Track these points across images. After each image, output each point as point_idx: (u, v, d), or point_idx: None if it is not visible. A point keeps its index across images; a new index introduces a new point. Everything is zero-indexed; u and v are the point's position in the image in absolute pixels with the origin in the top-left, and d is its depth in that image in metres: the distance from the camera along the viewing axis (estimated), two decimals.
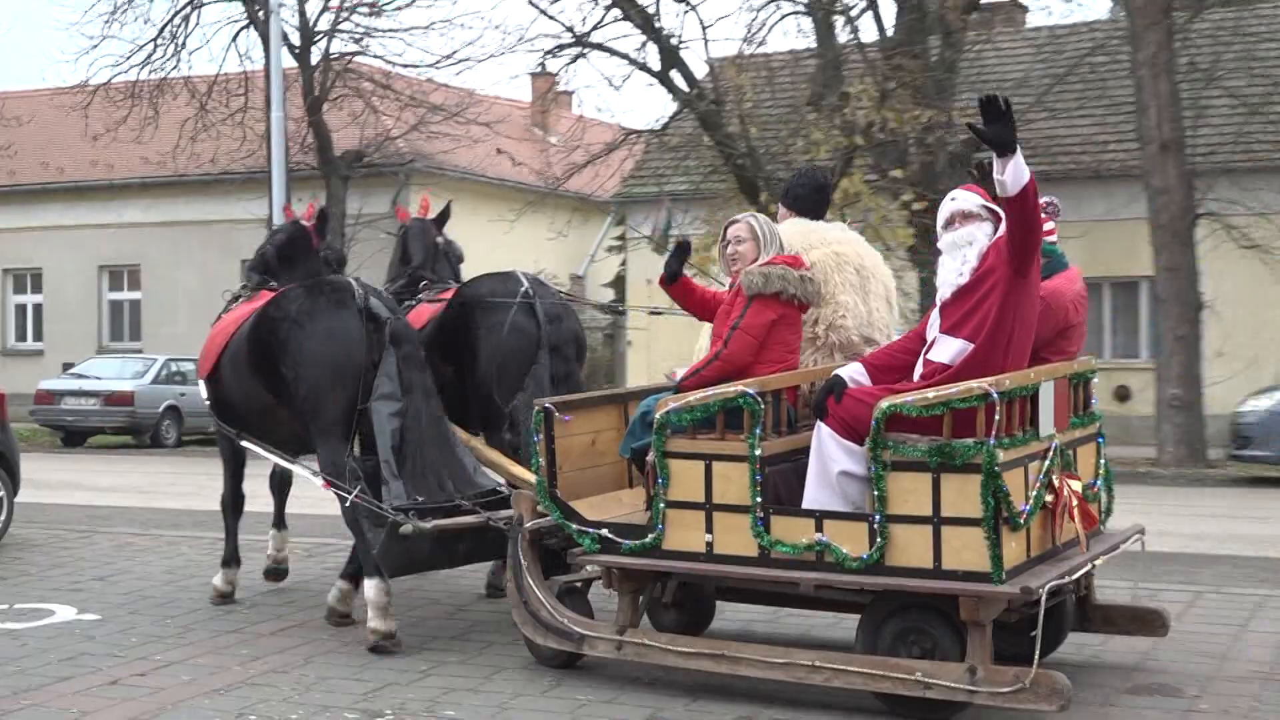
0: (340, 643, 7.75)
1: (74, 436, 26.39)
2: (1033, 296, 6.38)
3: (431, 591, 9.21)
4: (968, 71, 23.22)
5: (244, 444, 8.83)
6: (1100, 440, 7.07)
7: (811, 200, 7.67)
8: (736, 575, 6.58)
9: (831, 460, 6.33)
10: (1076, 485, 6.47)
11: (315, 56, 27.81)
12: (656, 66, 22.94)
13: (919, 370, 6.40)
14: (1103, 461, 7.05)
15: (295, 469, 8.63)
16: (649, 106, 73.16)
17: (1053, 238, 7.14)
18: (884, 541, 6.06)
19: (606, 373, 29.24)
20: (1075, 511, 6.38)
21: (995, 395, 5.92)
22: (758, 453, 6.36)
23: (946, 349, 6.36)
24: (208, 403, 9.08)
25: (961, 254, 6.44)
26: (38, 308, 34.00)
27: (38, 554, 11.17)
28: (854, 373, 6.53)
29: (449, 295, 8.97)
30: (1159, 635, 7.24)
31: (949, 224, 6.53)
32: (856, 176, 21.11)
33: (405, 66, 28.14)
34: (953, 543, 5.96)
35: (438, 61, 27.96)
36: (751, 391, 6.45)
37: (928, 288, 22.07)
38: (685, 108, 23.47)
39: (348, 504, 7.76)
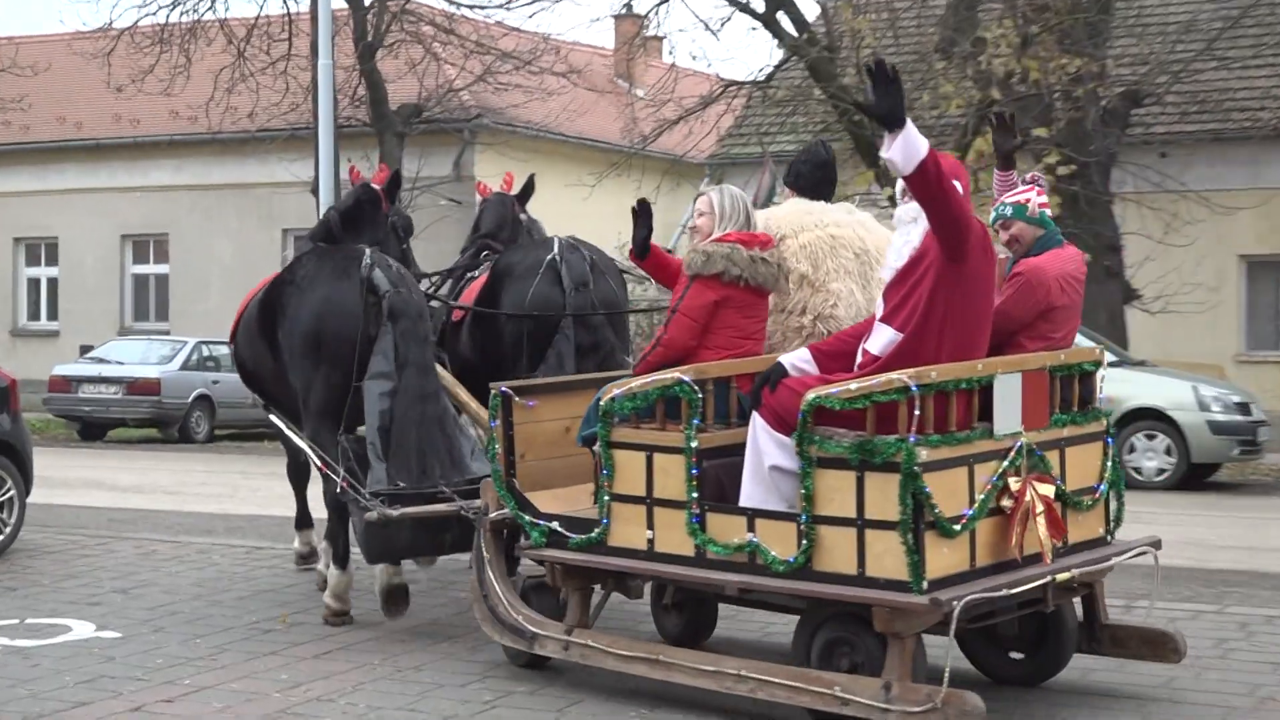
0: (394, 668, 7.82)
1: (92, 429, 26.77)
2: (976, 283, 6.59)
3: None
4: (1124, 12, 22.97)
5: (271, 416, 9.87)
6: (1109, 441, 7.25)
7: (813, 179, 8.10)
8: (672, 576, 7.02)
9: (764, 454, 6.70)
10: (1046, 490, 6.68)
11: None
12: (761, 7, 22.87)
13: (858, 359, 6.72)
14: (1110, 464, 7.23)
15: (301, 444, 9.26)
16: (751, 54, 73.11)
17: (1049, 212, 7.47)
18: (810, 544, 6.42)
19: None
20: (1040, 520, 6.60)
21: (915, 389, 6.22)
22: (694, 444, 6.79)
23: (879, 338, 6.66)
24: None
25: (906, 232, 6.69)
26: (52, 282, 34.51)
27: (51, 562, 11.35)
28: (799, 360, 6.86)
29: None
30: (1171, 661, 7.39)
31: (902, 195, 6.72)
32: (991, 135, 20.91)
33: (471, 7, 28.26)
34: (875, 548, 6.27)
35: (508, 1, 28.02)
36: (688, 379, 6.88)
37: None
38: (793, 55, 23.38)
39: (337, 487, 8.56)
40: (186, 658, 8.06)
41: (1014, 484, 6.56)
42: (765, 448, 6.70)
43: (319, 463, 8.80)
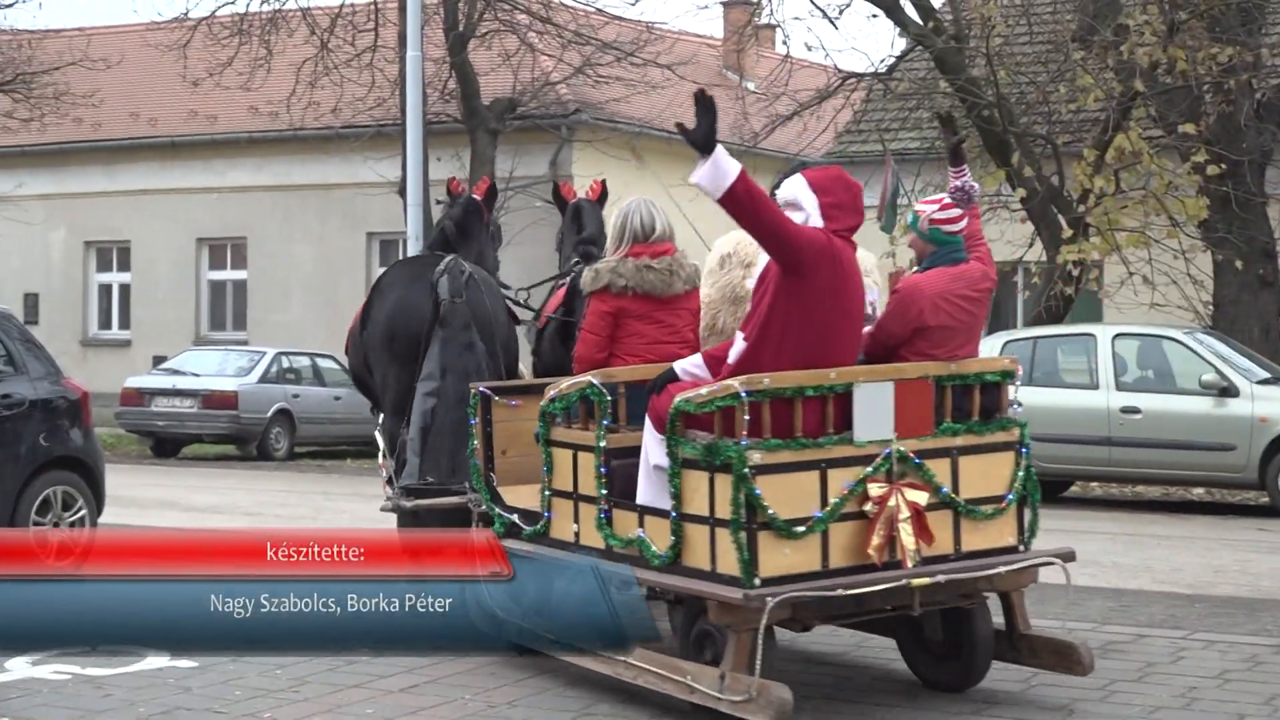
0: (485, 704, 7.89)
1: (166, 445, 27.12)
2: (820, 295, 7.33)
3: None
4: None
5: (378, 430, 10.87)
6: (1023, 451, 7.88)
7: None
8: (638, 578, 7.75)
9: (650, 454, 7.66)
10: (917, 497, 7.33)
11: None
12: None
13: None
14: (1021, 474, 7.86)
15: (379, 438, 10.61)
16: (871, 44, 72.84)
17: (953, 227, 8.11)
18: (678, 540, 7.40)
19: None
20: (906, 525, 7.27)
21: (745, 395, 7.09)
22: (603, 444, 7.85)
23: (735, 347, 7.56)
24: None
25: None
26: (125, 289, 35.03)
27: None
28: (692, 365, 7.82)
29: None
30: (1077, 673, 7.96)
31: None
32: (1134, 132, 20.76)
33: None
34: (721, 545, 7.18)
35: None
36: (596, 382, 7.99)
37: (1223, 274, 21.61)
38: (917, 45, 23.31)
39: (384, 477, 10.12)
40: (266, 689, 8.17)
41: (876, 490, 7.27)
42: (650, 448, 7.67)
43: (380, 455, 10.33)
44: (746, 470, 7.02)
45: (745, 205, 7.15)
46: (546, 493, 8.23)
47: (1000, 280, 25.79)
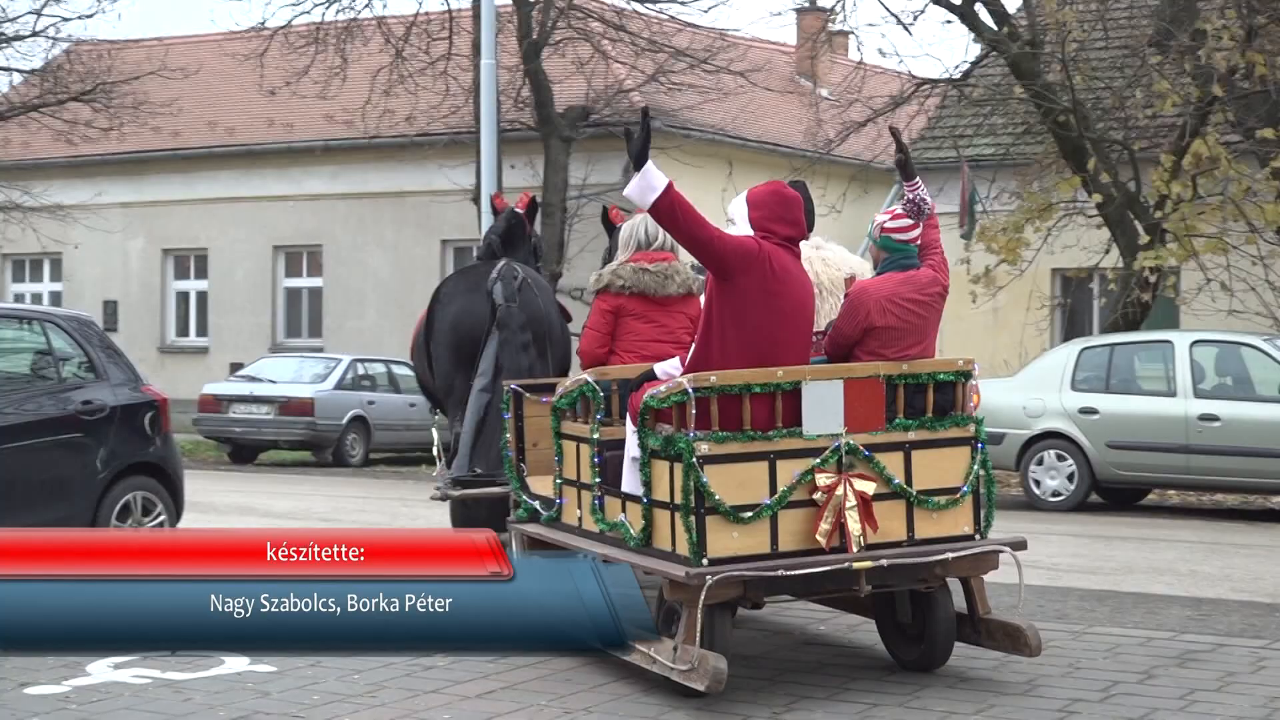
0: (561, 709, 7.90)
1: (243, 451, 27.32)
2: (753, 297, 8.00)
3: None
4: None
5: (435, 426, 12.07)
6: (979, 446, 8.41)
7: None
8: (583, 548, 8.59)
9: (629, 446, 8.39)
10: (865, 487, 7.94)
11: None
12: None
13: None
14: (976, 468, 8.39)
15: (435, 435, 11.62)
16: (946, 49, 72.62)
17: (904, 236, 8.65)
18: (648, 524, 8.11)
19: None
20: (853, 513, 7.88)
21: (691, 392, 7.78)
22: (596, 436, 8.60)
23: (691, 349, 8.34)
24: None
25: None
26: (202, 296, 35.32)
27: None
28: (670, 366, 8.52)
29: None
30: (1025, 654, 8.39)
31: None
32: (1212, 137, 20.60)
33: (642, 2, 28.42)
34: (680, 528, 7.84)
35: None
36: (590, 380, 8.79)
37: None
38: (992, 51, 23.21)
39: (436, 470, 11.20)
40: (344, 694, 8.21)
41: (824, 480, 7.89)
42: (629, 441, 8.39)
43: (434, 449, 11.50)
44: (695, 460, 7.72)
45: (671, 216, 7.94)
46: (558, 481, 9.09)
47: (1077, 286, 25.75)
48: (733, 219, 8.33)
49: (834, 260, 9.62)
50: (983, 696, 8.08)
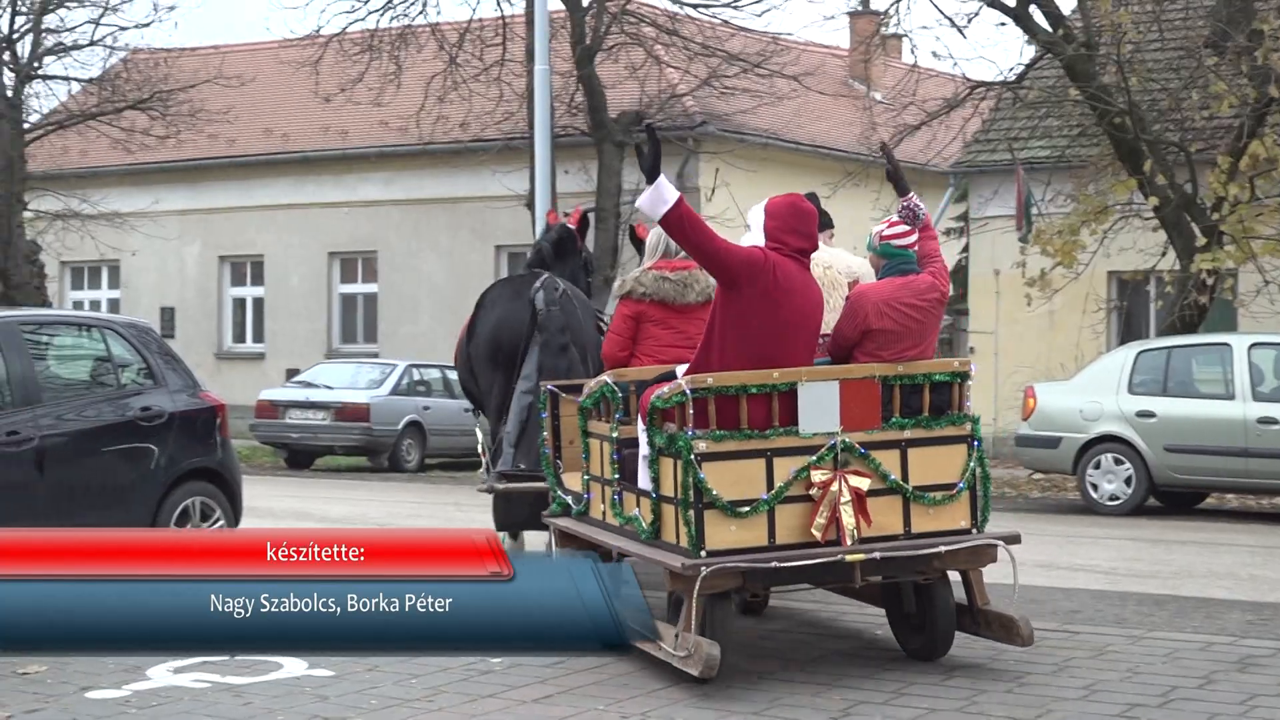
0: (619, 714, 7.90)
1: (299, 456, 27.44)
2: (756, 304, 8.39)
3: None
4: None
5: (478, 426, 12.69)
6: (975, 444, 8.76)
7: None
8: (601, 542, 9.09)
9: (641, 444, 8.73)
10: (860, 483, 8.32)
11: None
12: (1011, 1, 22.65)
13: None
14: (972, 465, 8.72)
15: (478, 434, 12.22)
16: (1000, 52, 72.33)
17: (902, 241, 9.05)
18: (656, 517, 8.52)
19: None
20: (847, 508, 8.27)
21: (689, 393, 8.22)
22: (615, 434, 8.97)
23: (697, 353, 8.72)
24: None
25: None
26: (258, 302, 35.50)
27: None
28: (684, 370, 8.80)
29: None
30: (1017, 644, 8.76)
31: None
32: (1270, 138, 20.46)
33: (695, 7, 28.44)
34: (680, 521, 8.24)
35: (735, 0, 28.15)
36: (610, 381, 9.16)
37: None
38: (1047, 53, 23.11)
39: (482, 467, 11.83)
40: (402, 698, 8.23)
41: (819, 476, 8.27)
42: (641, 439, 8.73)
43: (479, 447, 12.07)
44: (693, 457, 8.15)
45: (679, 227, 8.37)
46: (585, 477, 9.55)
47: (1133, 289, 25.59)
48: (749, 225, 8.78)
49: (836, 264, 9.94)
50: (1041, 702, 8.04)
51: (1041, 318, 24.71)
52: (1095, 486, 19.12)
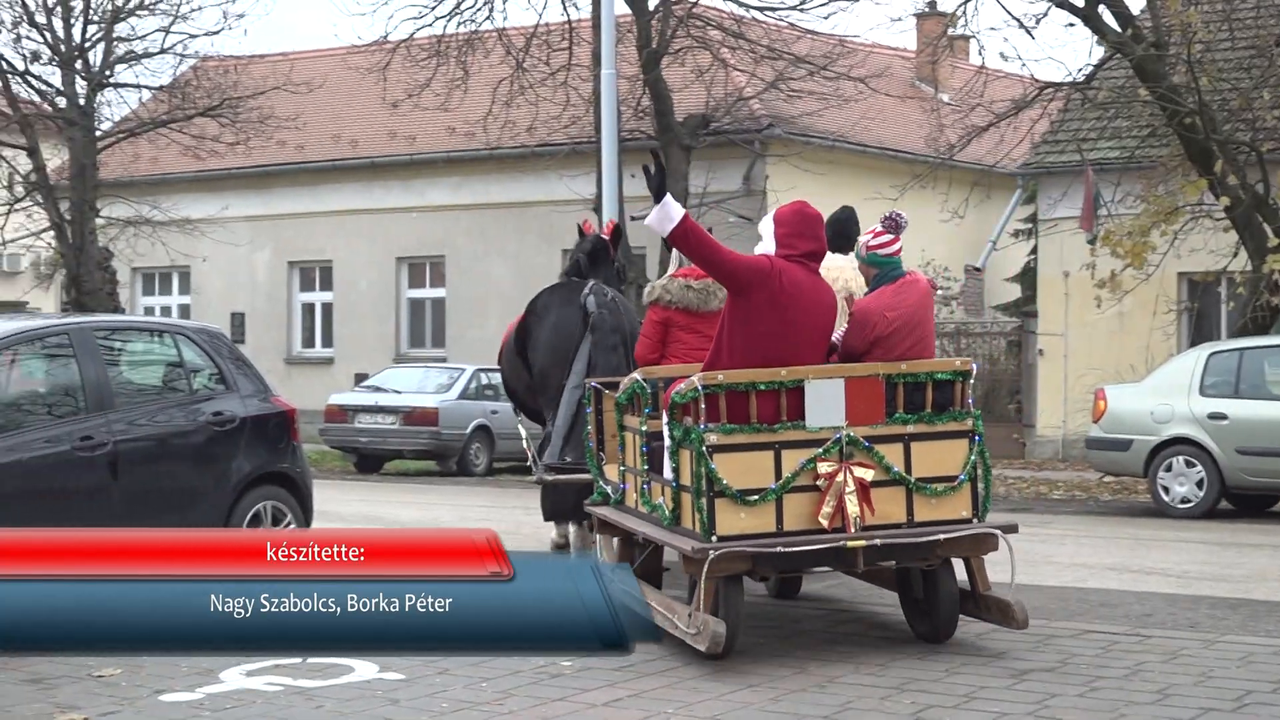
0: (689, 717, 7.91)
1: (368, 460, 27.56)
2: (763, 309, 9.03)
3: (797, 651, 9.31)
4: None
5: (519, 419, 13.91)
6: (976, 439, 9.30)
7: (830, 233, 10.26)
8: (633, 529, 9.84)
9: (665, 437, 9.32)
10: (864, 474, 8.92)
11: (653, 0, 28.25)
12: (1080, 1, 22.53)
13: None
14: (973, 458, 9.26)
15: (522, 431, 13.61)
16: (1069, 53, 71.92)
17: (888, 250, 9.69)
18: (676, 505, 9.17)
19: (1012, 386, 28.86)
20: (852, 497, 8.86)
21: (700, 389, 8.87)
22: (644, 428, 9.59)
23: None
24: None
25: None
26: (327, 307, 35.69)
27: None
28: None
29: None
30: (1013, 627, 9.32)
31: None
32: None
33: (761, 10, 28.41)
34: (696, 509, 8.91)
35: (802, 2, 28.10)
36: (639, 378, 9.83)
37: None
38: (1116, 53, 22.97)
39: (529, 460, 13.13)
40: (472, 702, 8.27)
41: (825, 467, 8.89)
42: (665, 432, 9.33)
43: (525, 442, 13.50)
44: (704, 449, 8.79)
45: (686, 241, 9.12)
46: (621, 468, 10.26)
47: (1204, 290, 25.41)
48: (762, 235, 9.39)
49: (844, 274, 10.62)
50: (1113, 706, 8.00)
51: (1111, 319, 24.57)
52: (1167, 489, 18.99)
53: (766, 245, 9.32)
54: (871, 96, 28.85)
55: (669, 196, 9.08)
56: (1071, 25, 22.99)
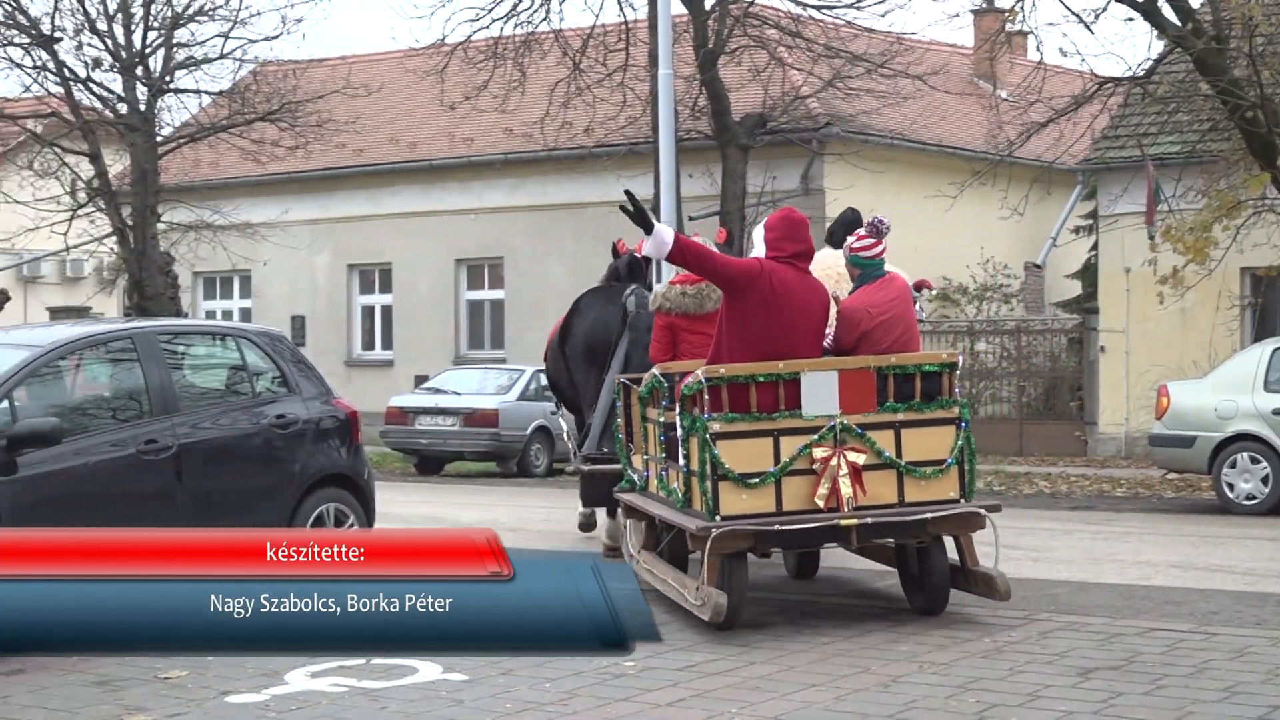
0: (752, 717, 7.91)
1: (429, 462, 27.64)
2: (758, 310, 10.04)
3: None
4: None
5: (560, 412, 15.39)
6: (963, 425, 10.15)
7: (841, 235, 11.41)
8: (653, 513, 10.80)
9: (678, 426, 10.23)
10: (857, 458, 9.82)
11: (710, 0, 28.23)
12: None
13: None
14: (959, 444, 10.12)
15: (564, 425, 14.77)
16: (1128, 47, 71.53)
17: (869, 252, 10.57)
18: (687, 489, 10.15)
19: (1073, 383, 28.71)
20: (845, 479, 9.75)
21: (704, 381, 9.81)
22: (661, 420, 10.53)
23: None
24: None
25: None
26: (386, 310, 35.83)
27: None
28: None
29: None
30: (997, 599, 10.22)
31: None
32: None
33: (818, 8, 28.36)
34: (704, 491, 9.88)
35: (859, 0, 28.04)
36: (658, 373, 10.71)
37: None
38: (1176, 47, 22.81)
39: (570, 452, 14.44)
40: (536, 702, 8.30)
41: (820, 452, 9.81)
42: (677, 422, 10.25)
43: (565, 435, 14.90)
44: (708, 436, 9.75)
45: (685, 257, 10.23)
46: (644, 457, 11.25)
47: (1267, 285, 25.17)
48: (754, 242, 10.59)
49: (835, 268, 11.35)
50: (1180, 704, 7.96)
51: (1173, 315, 24.41)
52: (1231, 486, 18.86)
53: (758, 250, 10.49)
54: (930, 94, 28.75)
55: (656, 224, 10.16)
56: (1131, 20, 22.86)
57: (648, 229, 10.09)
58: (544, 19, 28.53)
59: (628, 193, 10.43)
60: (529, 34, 28.60)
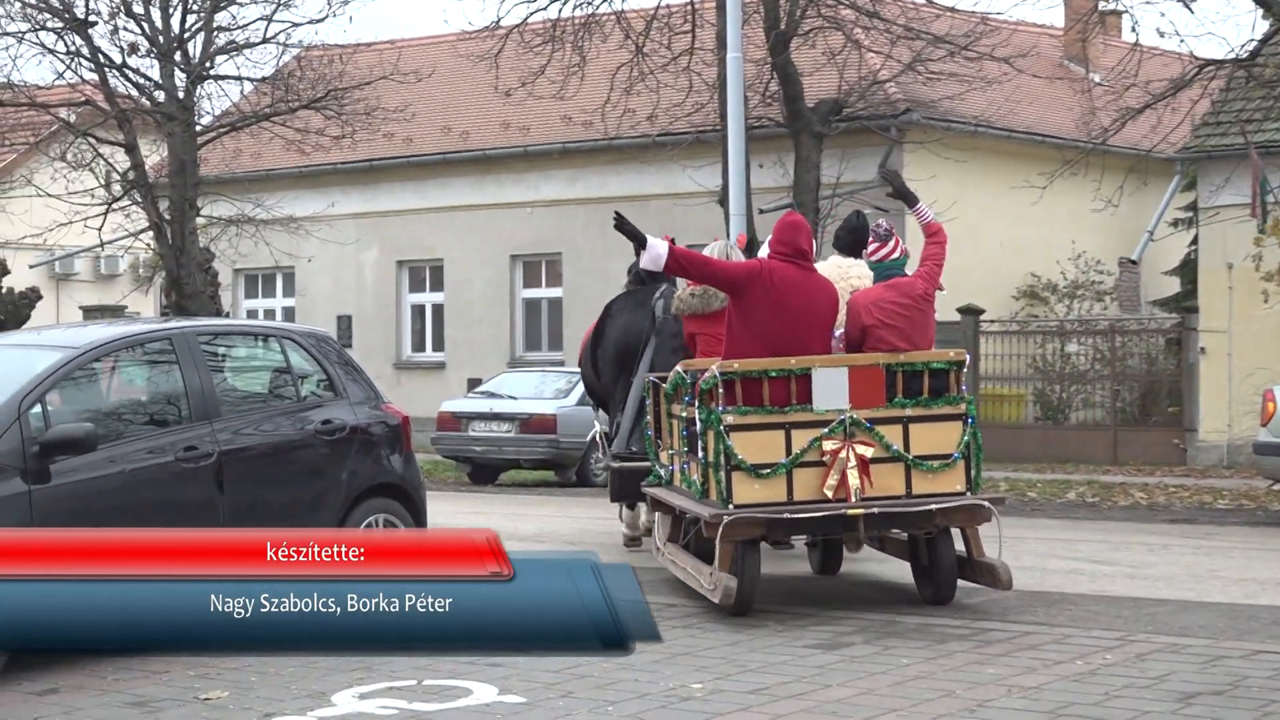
0: None
1: (483, 470, 27.58)
2: (759, 309, 11.21)
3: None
4: None
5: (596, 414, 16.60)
6: (969, 420, 11.22)
7: (847, 241, 12.68)
8: (676, 504, 11.88)
9: (697, 420, 11.27)
10: (865, 450, 10.86)
11: None
12: None
13: None
14: (966, 439, 11.19)
15: (597, 425, 16.19)
16: (1231, 27, 70.96)
17: (878, 255, 11.76)
18: (704, 479, 11.21)
19: (1171, 387, 28.52)
20: (853, 471, 10.80)
21: (718, 376, 10.91)
22: (684, 414, 11.65)
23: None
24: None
25: None
26: (438, 309, 35.90)
27: None
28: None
29: None
30: (1000, 588, 11.29)
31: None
32: None
33: None
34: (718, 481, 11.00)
35: None
36: (680, 370, 11.87)
37: None
38: None
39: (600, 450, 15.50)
40: None
41: (830, 445, 10.88)
42: (695, 416, 11.34)
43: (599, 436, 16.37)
44: (722, 428, 10.81)
45: (682, 267, 11.65)
46: (670, 451, 12.40)
47: None
48: (761, 244, 11.97)
49: (852, 274, 12.31)
50: (1259, 704, 7.90)
51: (1279, 315, 24.22)
52: None
53: (763, 252, 11.71)
54: (1017, 77, 28.61)
55: (650, 239, 11.50)
56: None
57: (641, 244, 11.50)
58: (605, 0, 28.55)
59: (617, 213, 11.75)
60: (589, 15, 28.61)
